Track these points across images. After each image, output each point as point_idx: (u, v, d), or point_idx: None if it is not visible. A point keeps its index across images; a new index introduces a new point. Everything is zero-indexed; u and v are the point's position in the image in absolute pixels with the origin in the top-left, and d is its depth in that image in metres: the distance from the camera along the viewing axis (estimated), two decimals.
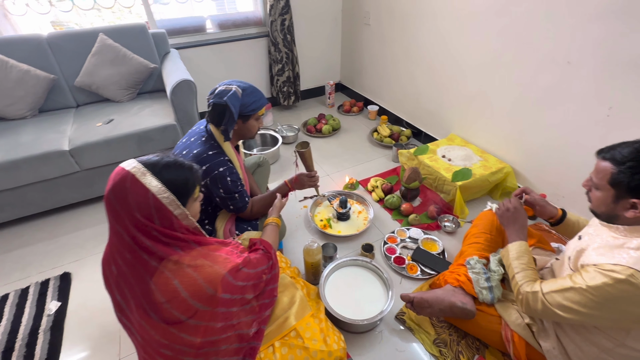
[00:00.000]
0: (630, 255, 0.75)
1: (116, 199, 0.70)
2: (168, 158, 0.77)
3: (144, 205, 0.70)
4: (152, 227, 0.71)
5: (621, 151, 0.79)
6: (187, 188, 0.78)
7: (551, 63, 1.46)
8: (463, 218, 1.71)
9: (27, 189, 1.68)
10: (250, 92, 1.20)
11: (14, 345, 1.24)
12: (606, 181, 0.81)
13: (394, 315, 1.29)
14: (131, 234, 0.71)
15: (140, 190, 0.70)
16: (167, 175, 0.74)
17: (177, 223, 0.75)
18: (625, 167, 0.77)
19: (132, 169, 0.71)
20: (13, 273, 1.53)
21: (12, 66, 1.80)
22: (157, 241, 0.72)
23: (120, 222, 0.71)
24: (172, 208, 0.73)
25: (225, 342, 0.82)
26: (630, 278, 0.72)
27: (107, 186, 0.72)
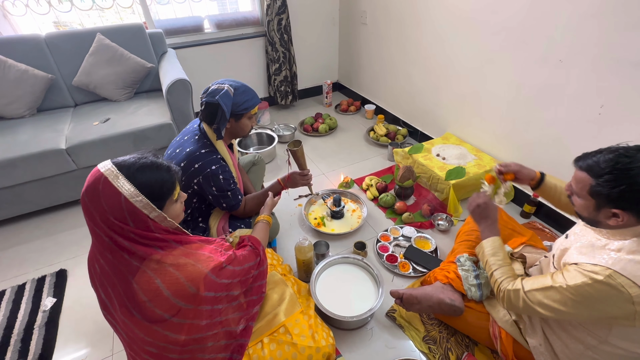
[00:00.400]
0: (611, 256, 0.75)
1: (90, 201, 0.69)
2: (145, 159, 0.75)
3: (117, 208, 0.68)
4: (127, 230, 0.70)
5: (598, 162, 0.76)
6: (163, 191, 0.75)
7: (544, 62, 1.46)
8: (457, 216, 1.71)
9: (25, 187, 1.70)
10: (242, 91, 1.21)
11: (10, 340, 1.26)
12: (586, 192, 0.79)
13: (385, 312, 1.30)
14: (109, 235, 0.70)
15: (112, 193, 0.68)
16: (141, 177, 0.71)
17: (154, 225, 0.73)
18: (604, 180, 0.74)
19: (106, 170, 0.70)
20: (10, 269, 1.56)
21: (10, 66, 1.82)
22: (135, 242, 0.71)
23: (96, 223, 0.69)
24: (146, 211, 0.71)
25: (211, 339, 0.82)
26: (609, 279, 0.72)
27: (83, 187, 0.71)
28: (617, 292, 0.72)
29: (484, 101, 1.82)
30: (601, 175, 0.75)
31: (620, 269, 0.72)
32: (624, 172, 0.71)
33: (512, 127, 1.72)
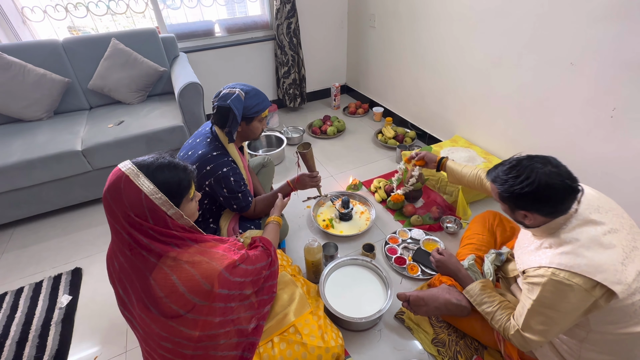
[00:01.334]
0: (547, 255, 0.82)
1: (112, 198, 0.72)
2: (163, 159, 0.78)
3: (138, 205, 0.72)
4: (147, 226, 0.73)
5: (498, 173, 0.87)
6: (180, 189, 0.78)
7: (554, 64, 1.46)
8: (465, 219, 1.71)
9: (42, 187, 1.75)
10: (253, 95, 1.24)
11: (28, 336, 1.30)
12: (498, 199, 0.90)
13: (393, 314, 1.30)
14: (128, 232, 0.73)
15: (133, 191, 0.72)
16: (160, 176, 0.75)
17: (171, 222, 0.76)
18: (504, 188, 0.84)
19: (127, 170, 0.73)
20: (28, 267, 1.61)
21: (29, 70, 1.89)
22: (154, 239, 0.74)
23: (117, 220, 0.73)
24: (165, 208, 0.75)
25: (224, 336, 0.85)
26: (553, 276, 0.78)
27: (105, 186, 0.74)
28: (566, 287, 0.77)
29: (493, 104, 1.82)
30: (502, 184, 0.85)
31: (557, 264, 0.79)
32: (516, 179, 0.82)
33: (521, 130, 1.71)
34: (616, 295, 0.74)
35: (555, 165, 0.81)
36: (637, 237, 0.83)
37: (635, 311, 0.77)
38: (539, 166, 0.80)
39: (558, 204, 0.80)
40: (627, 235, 0.81)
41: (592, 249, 0.77)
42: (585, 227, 0.81)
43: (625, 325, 0.78)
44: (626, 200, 1.36)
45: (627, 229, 0.83)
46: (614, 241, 0.79)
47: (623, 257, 0.77)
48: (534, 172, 0.80)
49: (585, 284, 0.75)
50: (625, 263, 0.76)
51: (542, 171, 0.79)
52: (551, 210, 0.81)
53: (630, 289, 0.75)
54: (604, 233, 0.79)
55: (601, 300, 0.75)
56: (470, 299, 1.04)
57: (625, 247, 0.79)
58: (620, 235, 0.80)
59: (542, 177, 0.79)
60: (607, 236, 0.79)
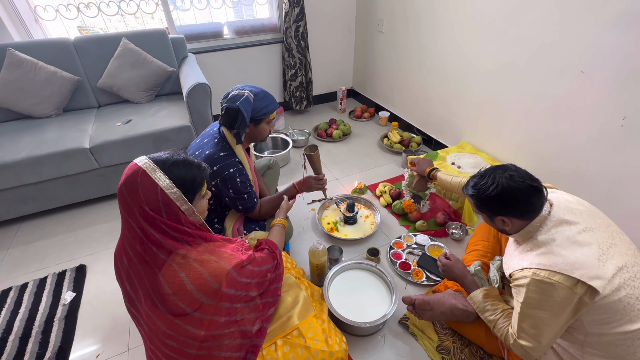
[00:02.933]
0: (528, 257, 0.87)
1: (128, 192, 0.73)
2: (178, 156, 0.80)
3: (153, 199, 0.73)
4: (160, 221, 0.74)
5: (468, 187, 0.96)
6: (194, 185, 0.80)
7: (564, 72, 1.45)
8: (471, 226, 1.69)
9: (50, 184, 1.77)
10: (261, 97, 1.24)
11: (31, 332, 1.30)
12: (476, 208, 0.96)
13: (398, 320, 1.29)
14: (141, 227, 0.74)
15: (149, 185, 0.73)
16: (175, 172, 0.77)
17: (184, 218, 0.78)
18: (476, 198, 0.93)
19: (144, 164, 0.75)
20: (32, 263, 1.61)
21: (41, 67, 1.91)
22: (166, 235, 0.75)
23: (132, 214, 0.74)
24: (179, 203, 0.76)
25: (228, 337, 0.84)
26: (535, 276, 0.82)
27: (120, 180, 0.76)
28: (548, 285, 0.80)
29: (500, 111, 1.81)
30: (472, 195, 0.94)
31: (537, 264, 0.83)
32: (483, 186, 0.90)
33: (529, 137, 1.70)
34: (597, 291, 0.76)
35: (514, 170, 0.90)
36: (615, 234, 0.87)
37: (624, 307, 0.78)
38: (499, 172, 0.89)
39: (526, 204, 0.86)
40: (604, 234, 0.85)
41: (568, 248, 0.82)
42: (560, 227, 0.86)
43: (619, 323, 0.79)
44: (634, 210, 1.35)
45: (603, 228, 0.87)
46: (590, 239, 0.83)
47: (599, 253, 0.80)
48: (497, 178, 0.88)
49: (565, 281, 0.78)
50: (603, 259, 0.80)
51: (503, 175, 0.88)
52: (522, 211, 0.87)
53: (613, 284, 0.77)
54: (578, 232, 0.84)
55: (585, 298, 0.78)
56: (474, 305, 1.05)
57: (601, 244, 0.82)
58: (596, 233, 0.84)
59: (503, 180, 0.87)
60: (582, 235, 0.83)
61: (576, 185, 1.55)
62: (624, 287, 0.78)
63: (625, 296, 0.78)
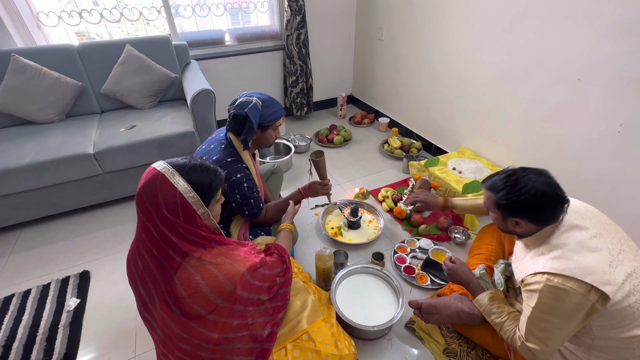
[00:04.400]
0: (540, 261, 0.86)
1: (147, 195, 0.75)
2: (195, 161, 0.83)
3: (172, 202, 0.75)
4: (177, 224, 0.76)
5: (495, 181, 0.94)
6: (210, 190, 0.82)
7: (561, 80, 1.50)
8: (473, 230, 1.72)
9: (53, 189, 1.76)
10: (269, 103, 1.26)
11: (35, 339, 1.29)
12: (493, 206, 0.95)
13: (404, 323, 1.30)
14: (159, 230, 0.75)
15: (168, 188, 0.75)
16: (193, 176, 0.79)
17: (200, 222, 0.79)
18: (500, 195, 0.91)
19: (162, 169, 0.77)
20: (35, 269, 1.60)
21: (44, 73, 1.91)
22: (182, 238, 0.77)
23: (150, 217, 0.75)
24: (196, 207, 0.78)
25: (240, 340, 0.85)
26: (548, 282, 0.81)
27: (139, 184, 0.77)
28: (562, 292, 0.79)
29: (499, 117, 1.85)
30: (498, 191, 0.92)
31: (549, 268, 0.82)
32: (513, 187, 0.88)
33: (528, 143, 1.74)
34: (609, 297, 0.77)
35: (548, 177, 0.89)
36: (623, 240, 0.87)
37: (633, 313, 0.79)
38: (533, 177, 0.88)
39: (550, 212, 0.87)
40: (613, 239, 0.85)
41: (580, 253, 0.82)
42: (572, 232, 0.86)
43: (627, 328, 0.80)
44: (631, 216, 1.38)
45: (612, 234, 0.87)
46: (600, 245, 0.83)
47: (610, 259, 0.81)
48: (531, 181, 0.87)
49: (579, 287, 0.78)
50: (613, 265, 0.80)
51: (538, 180, 0.87)
52: (544, 217, 0.88)
53: (623, 290, 0.78)
54: (589, 237, 0.84)
55: (598, 304, 0.78)
56: (480, 308, 1.06)
57: (611, 250, 0.83)
58: (606, 239, 0.85)
59: (539, 185, 0.86)
60: (593, 240, 0.84)
61: (574, 190, 1.58)
62: (633, 293, 0.79)
63: (635, 302, 0.79)
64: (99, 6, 2.22)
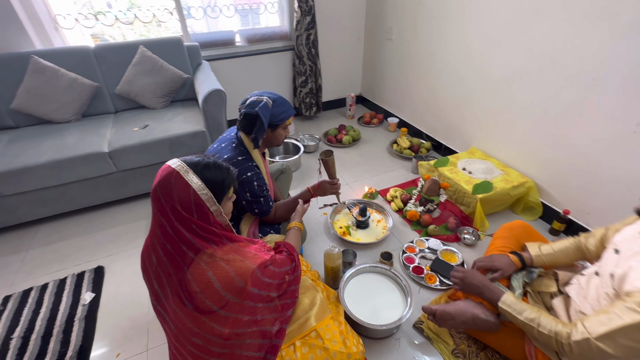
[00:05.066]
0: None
1: (162, 192, 0.77)
2: (208, 159, 0.84)
3: (186, 199, 0.77)
4: (191, 221, 0.77)
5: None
6: (223, 187, 0.84)
7: (576, 79, 1.47)
8: (483, 231, 1.70)
9: (69, 187, 1.81)
10: (279, 103, 1.28)
11: (52, 331, 1.33)
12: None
13: (412, 323, 1.30)
14: (173, 226, 0.77)
15: (183, 185, 0.77)
16: (207, 174, 0.81)
17: (212, 219, 0.81)
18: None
19: (177, 166, 0.79)
20: (52, 264, 1.65)
21: (62, 74, 1.97)
22: (196, 234, 0.78)
23: (164, 214, 0.77)
24: (209, 204, 0.80)
25: (249, 336, 0.86)
26: None
27: (154, 181, 0.79)
28: None
29: (511, 117, 1.83)
30: None
31: None
32: None
33: (540, 143, 1.71)
34: None
35: None
36: None
37: None
38: None
39: None
40: None
41: None
42: None
43: None
44: None
45: None
46: None
47: None
48: None
49: None
50: None
51: None
52: None
53: None
54: None
55: None
56: (508, 308, 0.97)
57: None
58: None
59: None
60: None
61: (589, 192, 1.56)
62: None
63: None
64: (112, 8, 2.27)
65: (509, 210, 1.88)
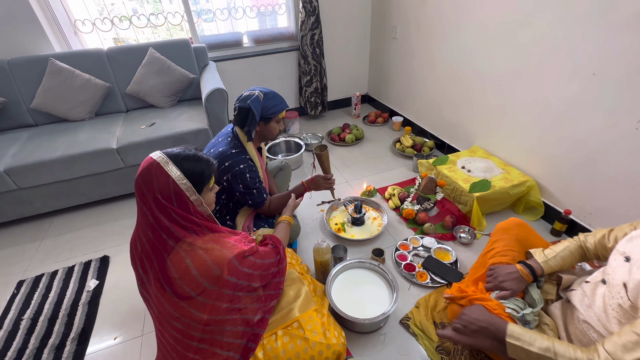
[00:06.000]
0: None
1: (143, 182, 0.81)
2: (189, 152, 0.88)
3: (165, 189, 0.81)
4: (171, 209, 0.82)
5: None
6: (202, 178, 0.88)
7: (575, 75, 1.43)
8: (481, 230, 1.67)
9: (80, 181, 1.92)
10: (271, 96, 1.32)
11: (59, 314, 1.43)
12: None
13: (399, 319, 1.30)
14: (154, 215, 0.82)
15: (163, 176, 0.81)
16: (186, 165, 0.84)
17: (192, 208, 0.85)
18: None
19: (158, 158, 0.83)
20: (62, 253, 1.76)
21: (77, 75, 2.09)
22: (175, 223, 0.82)
23: (146, 203, 0.82)
24: (188, 194, 0.84)
25: (230, 323, 0.90)
26: None
27: (137, 172, 0.84)
28: None
29: (512, 115, 1.79)
30: None
31: None
32: None
33: (542, 141, 1.67)
34: None
35: None
36: None
37: None
38: None
39: None
40: None
41: None
42: None
43: None
44: None
45: None
46: None
47: None
48: None
49: None
50: None
51: None
52: None
53: None
54: None
55: None
56: (517, 342, 0.83)
57: None
58: None
59: None
60: None
61: (591, 191, 1.51)
62: None
63: None
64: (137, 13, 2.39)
65: (510, 210, 1.83)
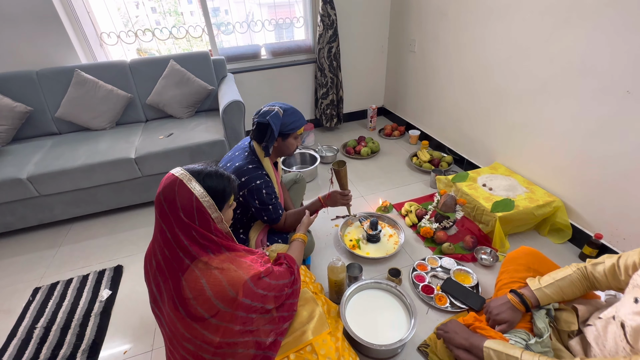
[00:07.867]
0: None
1: (165, 199, 0.80)
2: (210, 168, 0.88)
3: (188, 206, 0.80)
4: (192, 227, 0.80)
5: None
6: (224, 195, 0.87)
7: (607, 92, 1.36)
8: (503, 252, 1.60)
9: (98, 189, 1.95)
10: (290, 112, 1.31)
11: (71, 324, 1.42)
12: None
13: (417, 346, 1.23)
14: (173, 232, 0.80)
15: (186, 193, 0.80)
16: (208, 182, 0.84)
17: (213, 225, 0.84)
18: None
19: (180, 174, 0.82)
20: (78, 261, 1.77)
21: (100, 86, 2.15)
22: (194, 241, 0.81)
23: (166, 220, 0.80)
24: (210, 211, 0.82)
25: (242, 346, 0.86)
26: None
27: (158, 188, 0.83)
28: None
29: (538, 131, 1.72)
30: None
31: None
32: None
33: (570, 161, 1.59)
34: None
35: None
36: None
37: None
38: None
39: None
40: None
41: None
42: None
43: None
44: None
45: None
46: None
47: None
48: None
49: None
50: None
51: None
52: None
53: None
54: None
55: None
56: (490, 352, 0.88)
57: None
58: None
59: None
60: None
61: (625, 215, 1.42)
62: None
63: None
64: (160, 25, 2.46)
65: (535, 231, 1.74)
